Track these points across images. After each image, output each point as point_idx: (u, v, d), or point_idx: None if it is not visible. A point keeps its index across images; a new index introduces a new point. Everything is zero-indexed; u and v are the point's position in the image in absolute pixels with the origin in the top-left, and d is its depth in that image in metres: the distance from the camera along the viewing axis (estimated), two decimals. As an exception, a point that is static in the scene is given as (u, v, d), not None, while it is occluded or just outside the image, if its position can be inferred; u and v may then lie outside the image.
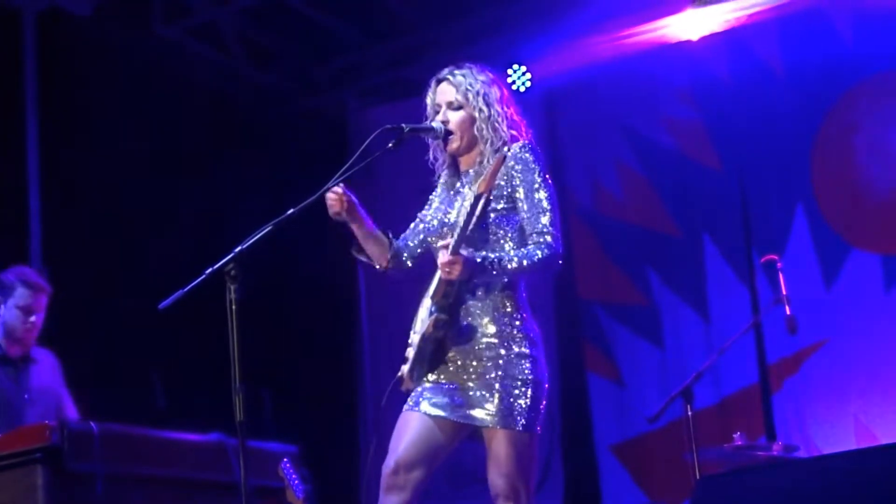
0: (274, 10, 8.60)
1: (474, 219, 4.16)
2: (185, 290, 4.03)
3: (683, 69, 8.32)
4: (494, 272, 4.16)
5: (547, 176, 4.30)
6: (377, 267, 4.54)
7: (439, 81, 4.46)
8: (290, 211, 4.18)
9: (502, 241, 4.28)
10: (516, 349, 4.22)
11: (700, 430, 6.36)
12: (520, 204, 4.27)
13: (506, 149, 4.29)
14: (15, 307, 5.76)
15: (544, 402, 4.25)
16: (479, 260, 4.13)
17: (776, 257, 6.79)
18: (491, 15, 8.46)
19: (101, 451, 4.86)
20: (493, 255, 4.17)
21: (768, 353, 7.92)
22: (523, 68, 8.33)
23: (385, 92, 9.18)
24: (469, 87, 4.38)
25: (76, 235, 7.62)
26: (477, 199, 4.10)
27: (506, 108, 4.42)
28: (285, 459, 5.26)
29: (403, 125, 4.35)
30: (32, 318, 5.79)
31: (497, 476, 4.17)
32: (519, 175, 4.27)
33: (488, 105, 4.37)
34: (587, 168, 8.81)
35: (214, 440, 5.39)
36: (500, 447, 4.17)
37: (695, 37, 8.06)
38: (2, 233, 7.41)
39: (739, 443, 6.25)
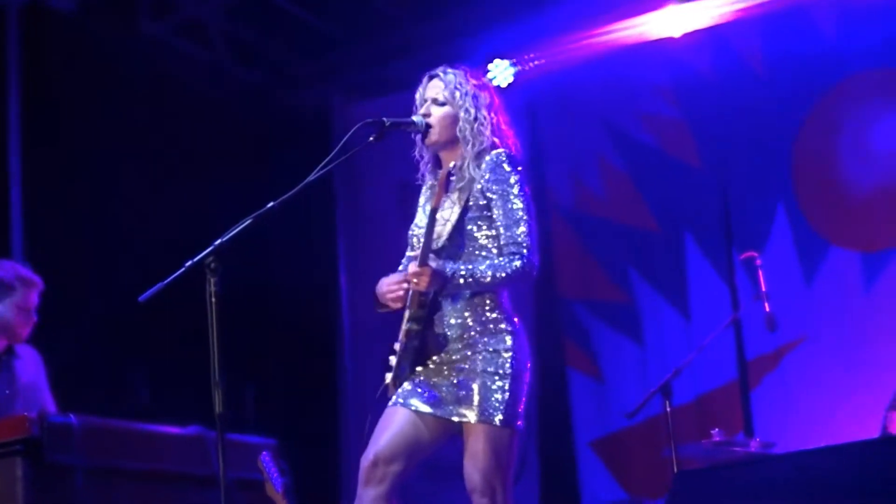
0: (258, 7, 8.62)
1: (442, 229, 4.24)
2: (165, 282, 4.03)
3: (665, 66, 8.33)
4: (465, 284, 4.17)
5: (525, 186, 4.30)
6: None
7: (431, 77, 4.48)
8: (271, 204, 4.17)
9: (480, 251, 4.28)
10: (495, 344, 4.23)
11: (678, 427, 6.38)
12: (496, 212, 4.27)
13: (452, 163, 4.30)
14: (16, 306, 5.78)
15: (524, 398, 4.25)
16: (449, 272, 4.14)
17: (756, 254, 6.80)
18: (473, 11, 8.45)
19: (81, 444, 4.87)
20: (464, 268, 4.18)
21: (747, 350, 7.95)
22: (506, 63, 8.33)
23: (368, 88, 9.18)
24: (458, 87, 4.39)
25: (58, 231, 7.61)
26: (433, 212, 4.12)
27: (493, 115, 4.42)
28: (265, 452, 5.26)
29: (384, 119, 4.34)
30: (34, 315, 5.84)
31: (473, 471, 4.17)
32: (494, 184, 4.27)
33: (476, 108, 4.38)
34: (569, 165, 8.82)
35: (194, 433, 5.40)
36: (477, 442, 4.17)
37: (677, 34, 8.06)
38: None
39: (717, 439, 6.26)
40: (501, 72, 8.31)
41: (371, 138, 4.35)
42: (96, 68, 7.97)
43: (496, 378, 4.19)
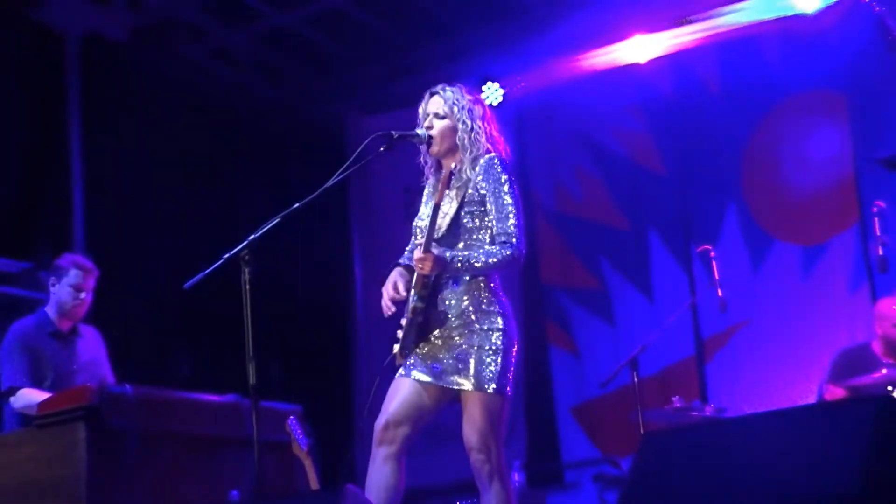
0: (282, 34, 8.64)
1: (442, 221, 4.26)
2: (207, 272, 4.07)
3: (634, 88, 8.37)
4: (462, 268, 4.20)
5: (514, 184, 4.32)
6: None
7: (432, 94, 4.47)
8: (296, 205, 4.20)
9: (474, 241, 4.30)
10: (489, 323, 4.24)
11: (644, 395, 6.45)
12: (489, 207, 4.29)
13: (453, 164, 4.32)
14: (68, 285, 5.79)
15: (513, 369, 4.28)
16: (448, 258, 4.17)
17: (710, 247, 6.85)
18: (468, 39, 8.50)
19: (135, 411, 4.84)
20: (461, 254, 4.21)
21: (702, 330, 8.00)
22: (496, 85, 8.36)
23: (378, 104, 9.19)
24: (456, 102, 4.39)
25: (113, 226, 7.65)
26: (436, 207, 4.16)
27: (486, 125, 4.42)
28: (292, 417, 5.28)
29: (393, 132, 4.36)
30: (82, 296, 5.81)
31: (471, 433, 4.19)
32: (487, 183, 4.28)
33: (472, 119, 4.37)
34: (550, 173, 8.86)
35: (231, 401, 5.40)
36: (474, 408, 4.20)
37: (643, 60, 8.10)
38: (53, 228, 7.48)
39: (677, 405, 6.29)
40: (492, 93, 8.35)
41: (381, 149, 4.36)
42: (143, 87, 8.01)
43: (490, 353, 4.21)
